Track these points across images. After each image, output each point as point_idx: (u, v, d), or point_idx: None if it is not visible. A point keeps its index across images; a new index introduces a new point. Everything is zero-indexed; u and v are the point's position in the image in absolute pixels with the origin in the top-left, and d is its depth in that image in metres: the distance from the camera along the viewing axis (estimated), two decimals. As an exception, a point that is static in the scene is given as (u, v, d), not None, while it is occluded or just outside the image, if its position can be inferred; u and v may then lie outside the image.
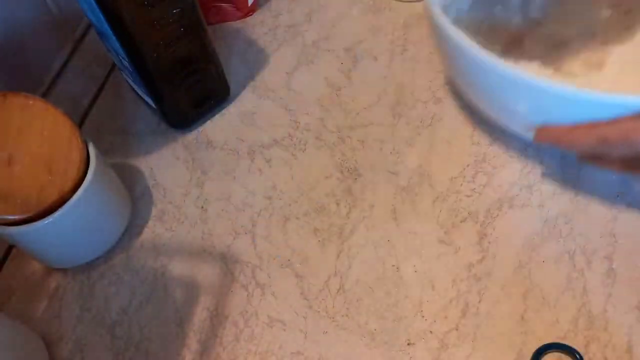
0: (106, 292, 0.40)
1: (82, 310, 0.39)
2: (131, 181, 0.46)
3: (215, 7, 0.56)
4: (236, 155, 0.46)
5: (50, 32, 0.56)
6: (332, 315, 0.36)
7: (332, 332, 0.35)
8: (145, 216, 0.43)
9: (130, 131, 0.50)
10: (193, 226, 0.42)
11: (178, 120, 0.48)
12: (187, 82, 0.45)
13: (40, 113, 0.37)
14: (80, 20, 0.61)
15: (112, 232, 0.42)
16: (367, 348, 0.34)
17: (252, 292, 0.38)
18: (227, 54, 0.54)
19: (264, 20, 0.57)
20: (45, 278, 0.41)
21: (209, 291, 0.38)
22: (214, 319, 0.37)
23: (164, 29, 0.40)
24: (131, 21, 0.38)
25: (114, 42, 0.41)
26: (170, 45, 0.41)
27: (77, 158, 0.36)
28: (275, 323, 0.36)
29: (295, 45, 0.54)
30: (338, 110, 0.47)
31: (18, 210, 0.34)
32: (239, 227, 0.41)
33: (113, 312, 0.38)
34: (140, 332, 0.37)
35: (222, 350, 0.36)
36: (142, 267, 0.40)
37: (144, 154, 0.48)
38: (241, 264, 0.39)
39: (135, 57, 0.41)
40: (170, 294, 0.39)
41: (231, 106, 0.50)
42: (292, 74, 0.51)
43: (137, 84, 0.46)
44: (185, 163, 0.46)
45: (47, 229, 0.35)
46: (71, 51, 0.59)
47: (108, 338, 0.37)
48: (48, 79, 0.56)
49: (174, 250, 0.41)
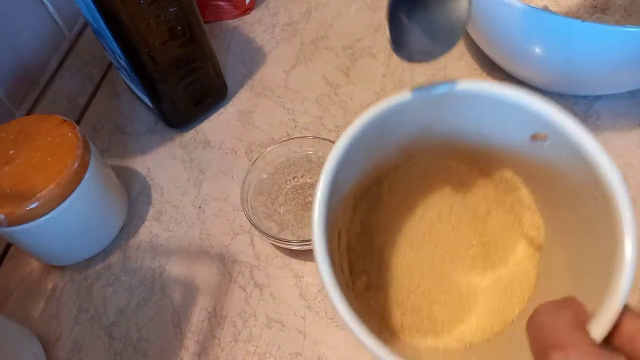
0: (104, 293, 0.39)
1: (79, 310, 0.39)
2: (128, 181, 0.45)
3: (213, 5, 0.56)
4: (234, 154, 0.46)
5: (47, 30, 0.56)
6: (332, 316, 0.36)
7: (331, 333, 0.35)
8: (142, 216, 0.43)
9: (127, 130, 0.50)
10: (191, 226, 0.42)
11: (175, 119, 0.48)
12: (184, 81, 0.44)
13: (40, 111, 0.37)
14: (76, 19, 0.60)
15: (109, 230, 0.41)
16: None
17: (250, 293, 0.38)
18: (225, 52, 0.54)
19: (261, 18, 0.57)
20: (43, 279, 0.41)
21: (207, 292, 0.38)
22: (212, 320, 0.37)
23: (160, 27, 0.40)
24: (128, 20, 0.38)
25: (110, 41, 0.40)
26: (167, 44, 0.41)
27: (76, 156, 0.36)
28: (273, 324, 0.36)
29: (293, 44, 0.54)
30: (337, 108, 0.47)
31: (16, 207, 0.34)
32: (237, 227, 0.41)
33: (111, 313, 0.38)
34: (138, 332, 0.37)
35: (220, 351, 0.35)
36: (139, 267, 0.40)
37: (141, 154, 0.47)
38: (239, 264, 0.39)
39: (132, 56, 0.41)
40: (168, 295, 0.39)
41: (229, 105, 0.50)
42: (290, 73, 0.51)
43: (134, 83, 0.45)
44: (182, 163, 0.46)
45: (44, 226, 0.36)
46: (67, 50, 0.59)
47: (106, 339, 0.37)
48: (44, 78, 0.56)
49: (171, 251, 0.41)
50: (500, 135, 0.27)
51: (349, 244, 0.30)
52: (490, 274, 0.29)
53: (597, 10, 0.47)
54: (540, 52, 0.38)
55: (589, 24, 0.34)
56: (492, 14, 0.39)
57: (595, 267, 0.22)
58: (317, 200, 0.23)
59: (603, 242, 0.21)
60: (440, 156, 0.30)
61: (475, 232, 0.30)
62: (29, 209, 0.34)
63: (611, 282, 0.19)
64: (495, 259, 0.29)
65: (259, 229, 0.37)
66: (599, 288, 0.20)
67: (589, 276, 0.22)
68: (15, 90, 0.52)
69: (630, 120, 0.42)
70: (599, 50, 0.35)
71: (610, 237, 0.20)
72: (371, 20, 0.54)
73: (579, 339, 0.18)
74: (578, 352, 0.17)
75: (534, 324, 0.19)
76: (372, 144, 0.26)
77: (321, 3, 0.57)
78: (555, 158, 0.24)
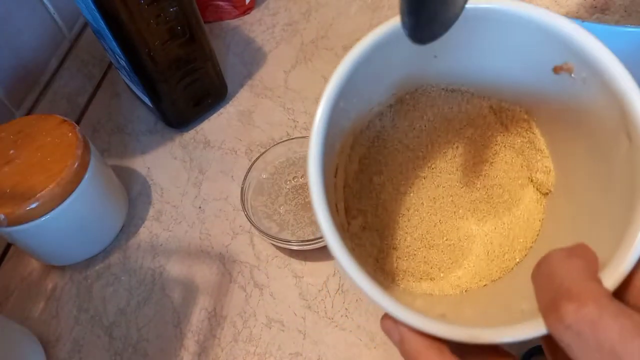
0: (104, 293, 0.39)
1: (79, 311, 0.39)
2: (128, 181, 0.45)
3: (213, 5, 0.56)
4: (234, 154, 0.46)
5: (47, 30, 0.56)
6: (331, 316, 0.36)
7: (331, 333, 0.35)
8: (142, 216, 0.43)
9: (127, 130, 0.50)
10: (191, 226, 0.42)
11: (175, 119, 0.48)
12: (184, 81, 0.44)
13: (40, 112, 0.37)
14: (76, 19, 0.60)
15: (109, 230, 0.42)
16: (366, 348, 0.34)
17: (250, 293, 0.38)
18: (225, 52, 0.54)
19: (261, 18, 0.57)
20: (43, 279, 0.41)
21: (207, 292, 0.38)
22: (212, 320, 0.37)
23: (160, 27, 0.40)
24: (128, 20, 0.38)
25: (110, 41, 0.40)
26: (167, 44, 0.41)
27: (76, 156, 0.36)
28: (273, 324, 0.36)
29: (293, 44, 0.54)
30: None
31: (16, 207, 0.34)
32: (237, 227, 0.41)
33: (111, 313, 0.38)
34: (138, 332, 0.37)
35: (220, 351, 0.35)
36: (139, 267, 0.40)
37: (141, 154, 0.47)
38: (239, 264, 0.39)
39: (132, 56, 0.41)
40: (168, 295, 0.39)
41: (229, 105, 0.50)
42: (290, 73, 0.51)
43: (134, 83, 0.45)
44: (182, 162, 0.46)
45: (44, 226, 0.36)
46: (67, 50, 0.59)
47: (106, 339, 0.37)
48: (44, 78, 0.56)
49: (171, 251, 0.41)
50: (516, 67, 0.23)
51: (346, 182, 0.28)
52: (492, 218, 0.27)
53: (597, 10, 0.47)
54: None
55: (589, 24, 0.34)
56: None
57: (609, 216, 0.20)
58: (315, 128, 0.21)
59: (623, 191, 0.19)
60: (449, 91, 0.27)
61: (480, 174, 0.28)
62: (29, 209, 0.34)
63: (628, 232, 0.18)
64: (499, 203, 0.27)
65: (259, 229, 0.37)
66: (611, 238, 0.18)
67: (600, 226, 0.21)
68: (15, 90, 0.52)
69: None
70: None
71: (631, 186, 0.18)
72: (371, 20, 0.54)
73: (595, 291, 0.16)
74: (594, 305, 0.15)
75: (543, 272, 0.17)
76: (377, 72, 0.24)
77: (321, 3, 0.57)
78: (580, 95, 0.21)
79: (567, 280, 0.16)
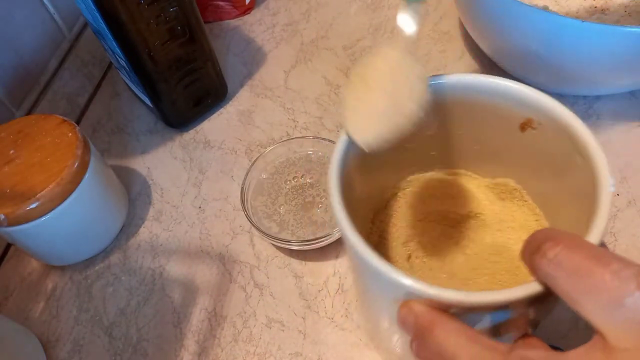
0: (104, 293, 0.39)
1: (79, 311, 0.39)
2: (128, 180, 0.45)
3: (213, 5, 0.56)
4: (234, 154, 0.46)
5: (47, 30, 0.56)
6: (331, 316, 0.36)
7: (331, 333, 0.35)
8: (142, 216, 0.43)
9: (127, 130, 0.50)
10: (191, 226, 0.42)
11: (175, 119, 0.48)
12: (184, 81, 0.44)
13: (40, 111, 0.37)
14: (76, 19, 0.60)
15: (109, 230, 0.41)
16: (366, 348, 0.34)
17: (250, 293, 0.38)
18: (225, 52, 0.54)
19: (261, 18, 0.57)
20: (43, 279, 0.41)
21: (207, 292, 0.38)
22: (212, 320, 0.37)
23: (160, 27, 0.40)
24: (128, 20, 0.38)
25: (110, 41, 0.40)
26: (167, 44, 0.41)
27: (76, 156, 0.36)
28: (273, 324, 0.36)
29: (293, 44, 0.54)
30: (337, 108, 0.47)
31: (16, 207, 0.34)
32: (237, 227, 0.41)
33: (111, 313, 0.38)
34: (138, 332, 0.37)
35: (220, 351, 0.35)
36: (139, 267, 0.40)
37: (141, 154, 0.47)
38: (239, 264, 0.39)
39: (132, 56, 0.41)
40: (168, 295, 0.39)
41: (229, 105, 0.50)
42: (290, 73, 0.51)
43: (134, 83, 0.45)
44: (182, 163, 0.46)
45: (44, 226, 0.36)
46: (67, 50, 0.59)
47: (106, 339, 0.37)
48: (44, 78, 0.56)
49: (171, 251, 0.41)
50: (494, 135, 0.28)
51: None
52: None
53: (597, 10, 0.47)
54: (540, 51, 0.38)
55: (589, 24, 0.34)
56: (492, 14, 0.39)
57: (577, 216, 0.23)
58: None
59: (582, 197, 0.23)
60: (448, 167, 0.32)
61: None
62: (29, 209, 0.34)
63: (591, 221, 0.21)
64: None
65: (259, 229, 0.37)
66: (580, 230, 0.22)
67: (569, 224, 0.25)
68: (15, 90, 0.52)
69: (630, 120, 0.42)
70: (599, 50, 0.35)
71: (590, 189, 0.22)
72: (371, 20, 0.54)
73: (570, 235, 0.18)
74: (570, 240, 0.17)
75: (527, 240, 0.19)
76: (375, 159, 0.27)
77: (321, 3, 0.57)
78: (541, 140, 0.26)
79: (547, 232, 0.19)
